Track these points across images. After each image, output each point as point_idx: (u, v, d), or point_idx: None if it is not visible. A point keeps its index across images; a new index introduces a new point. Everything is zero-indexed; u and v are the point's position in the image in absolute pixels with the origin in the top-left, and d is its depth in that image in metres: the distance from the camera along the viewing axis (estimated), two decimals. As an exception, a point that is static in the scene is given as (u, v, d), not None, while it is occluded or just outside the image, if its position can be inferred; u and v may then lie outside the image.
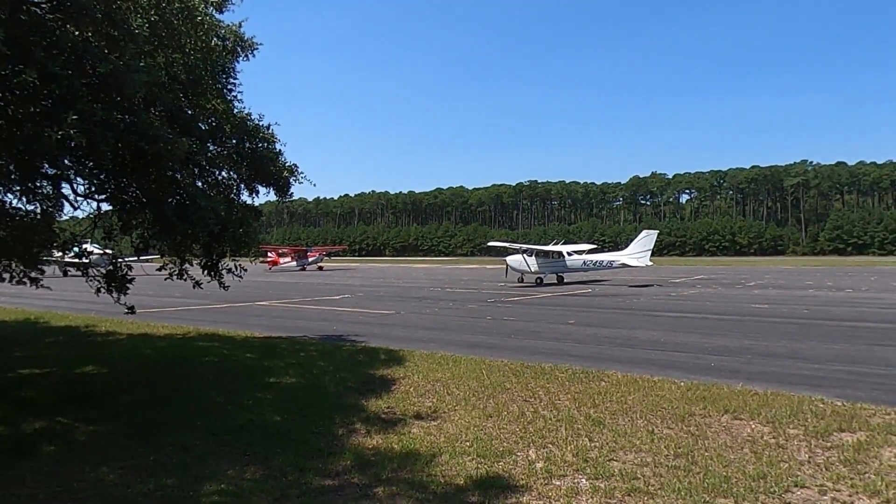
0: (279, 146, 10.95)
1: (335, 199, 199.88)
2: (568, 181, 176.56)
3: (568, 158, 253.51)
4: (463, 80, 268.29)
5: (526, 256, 36.12)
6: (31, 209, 8.28)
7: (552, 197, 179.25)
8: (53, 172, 7.95)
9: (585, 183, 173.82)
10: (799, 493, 5.16)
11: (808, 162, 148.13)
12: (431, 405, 8.05)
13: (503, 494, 5.12)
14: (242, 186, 11.01)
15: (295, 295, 29.99)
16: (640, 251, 35.49)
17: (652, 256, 36.21)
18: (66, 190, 8.75)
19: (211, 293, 12.46)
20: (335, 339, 14.42)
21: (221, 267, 10.78)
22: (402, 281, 43.52)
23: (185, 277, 10.63)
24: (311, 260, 64.73)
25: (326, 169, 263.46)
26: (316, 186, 12.06)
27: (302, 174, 11.24)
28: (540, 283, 35.00)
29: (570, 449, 6.21)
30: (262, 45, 10.73)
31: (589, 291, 30.35)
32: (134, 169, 7.85)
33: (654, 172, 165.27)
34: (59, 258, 11.66)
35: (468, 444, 6.41)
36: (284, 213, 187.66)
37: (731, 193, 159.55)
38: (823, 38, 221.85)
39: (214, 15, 9.97)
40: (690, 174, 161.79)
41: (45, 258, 9.90)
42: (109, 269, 9.72)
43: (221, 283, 10.91)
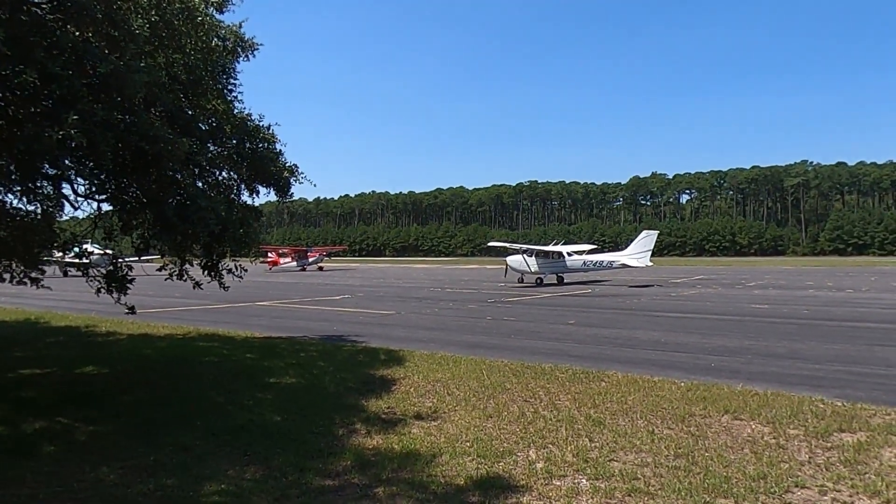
0: (279, 146, 10.96)
1: (335, 199, 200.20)
2: (568, 181, 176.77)
3: (568, 159, 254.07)
4: (463, 80, 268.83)
5: (526, 257, 36.12)
6: (31, 209, 8.29)
7: (552, 197, 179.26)
8: (54, 173, 7.95)
9: (585, 183, 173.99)
10: (799, 493, 5.16)
11: (808, 162, 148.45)
12: (432, 405, 8.05)
13: (503, 494, 5.12)
14: (243, 187, 11.01)
15: (295, 295, 30.00)
16: (640, 251, 35.48)
17: (652, 257, 36.19)
18: (66, 190, 8.75)
19: (211, 293, 12.46)
20: (335, 339, 14.42)
21: (222, 267, 10.78)
22: (402, 281, 43.52)
23: (185, 278, 10.63)
24: (311, 260, 64.70)
25: (326, 169, 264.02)
26: (316, 186, 12.08)
27: (302, 174, 11.26)
28: (540, 283, 35.00)
29: (570, 449, 6.21)
30: (262, 45, 10.74)
31: (589, 292, 30.35)
32: (134, 169, 7.85)
33: (654, 173, 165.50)
34: (59, 258, 11.65)
35: (468, 444, 6.41)
36: (285, 213, 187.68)
37: (731, 194, 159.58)
38: (823, 38, 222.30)
39: (215, 15, 9.97)
40: (690, 174, 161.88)
41: (45, 258, 9.90)
42: (110, 269, 9.72)
43: (222, 283, 10.91)
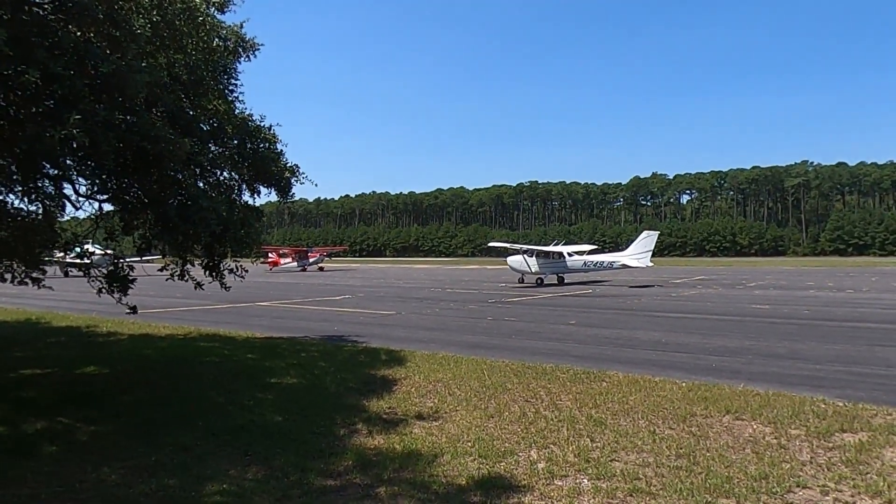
0: (280, 147, 10.96)
1: (336, 199, 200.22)
2: (568, 182, 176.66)
3: (568, 159, 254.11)
4: (463, 80, 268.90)
5: (526, 257, 36.13)
6: (32, 209, 8.30)
7: (553, 197, 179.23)
8: (55, 173, 7.96)
9: (586, 183, 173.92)
10: (801, 493, 5.16)
11: (808, 162, 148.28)
12: (433, 405, 8.05)
13: (505, 494, 5.12)
14: (244, 187, 11.01)
15: (296, 295, 30.00)
16: (640, 252, 35.47)
17: (652, 257, 36.17)
18: (67, 190, 8.75)
19: (212, 294, 12.47)
20: (336, 339, 14.42)
21: (223, 267, 10.78)
22: (402, 281, 43.51)
23: (186, 278, 10.63)
24: (311, 261, 64.70)
25: (327, 169, 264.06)
26: (317, 186, 12.07)
27: (303, 174, 11.25)
28: (540, 283, 34.99)
29: (571, 449, 6.21)
30: (263, 45, 10.74)
31: (589, 292, 30.34)
32: (136, 169, 7.86)
33: (654, 173, 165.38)
34: (60, 258, 11.66)
35: (470, 444, 6.41)
36: (285, 213, 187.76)
37: (731, 194, 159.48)
38: (823, 38, 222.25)
39: (216, 15, 9.98)
40: (691, 175, 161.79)
41: (46, 259, 9.91)
42: (111, 269, 9.73)
43: (223, 283, 10.92)
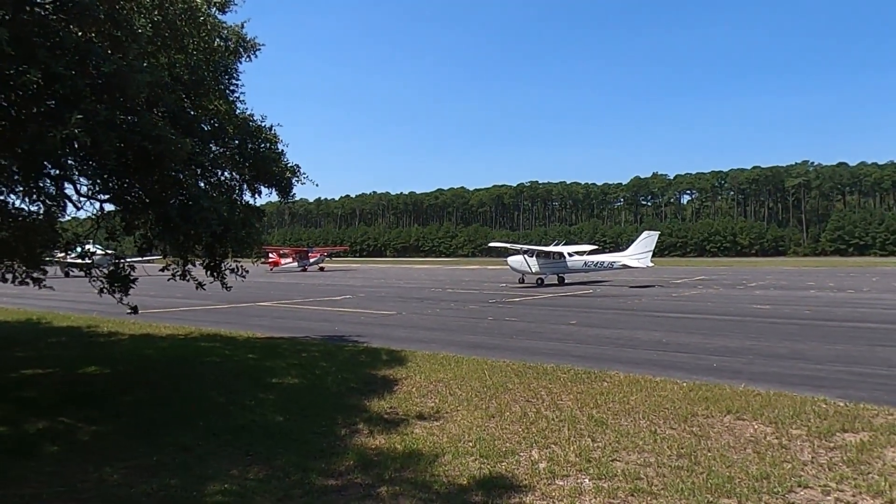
0: (281, 147, 10.97)
1: (336, 199, 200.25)
2: (569, 182, 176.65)
3: (569, 159, 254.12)
4: (463, 80, 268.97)
5: (527, 257, 36.13)
6: (33, 210, 8.30)
7: (553, 198, 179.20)
8: (57, 173, 7.96)
9: (586, 184, 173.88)
10: (802, 493, 5.15)
11: (809, 162, 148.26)
12: (434, 405, 8.05)
13: (506, 494, 5.12)
14: (245, 187, 11.02)
15: (296, 295, 30.00)
16: (640, 252, 35.45)
17: (653, 257, 36.14)
18: (68, 190, 8.75)
19: (213, 294, 12.47)
20: (337, 339, 14.42)
21: (224, 267, 10.79)
22: (403, 281, 43.51)
23: (187, 278, 10.64)
24: (312, 261, 64.70)
25: (327, 169, 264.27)
26: (318, 187, 12.08)
27: (304, 175, 11.26)
28: (541, 283, 34.98)
29: (573, 449, 6.21)
30: (264, 45, 10.76)
31: (590, 292, 30.34)
32: (137, 169, 7.86)
33: (655, 173, 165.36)
34: (61, 258, 11.67)
35: (471, 444, 6.41)
36: (286, 213, 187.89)
37: (732, 194, 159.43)
38: (823, 38, 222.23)
39: (217, 15, 10.00)
40: (691, 175, 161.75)
41: (47, 259, 9.92)
42: (112, 269, 9.73)
43: (224, 283, 10.93)
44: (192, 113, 9.46)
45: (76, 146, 6.61)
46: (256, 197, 11.26)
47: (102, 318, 18.16)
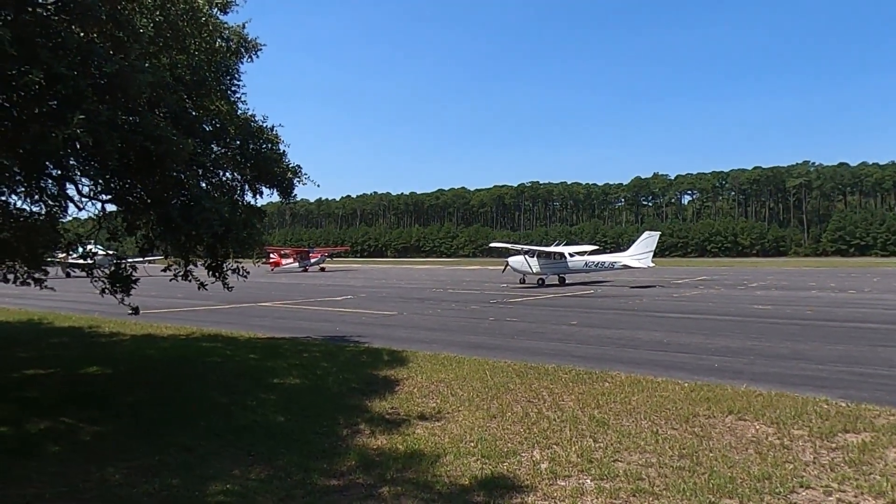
0: (283, 147, 10.97)
1: (337, 200, 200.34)
2: (570, 182, 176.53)
3: (569, 159, 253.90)
4: (463, 80, 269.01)
5: (528, 257, 36.11)
6: (35, 210, 8.31)
7: (554, 198, 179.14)
8: (58, 173, 7.97)
9: (587, 184, 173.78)
10: (804, 493, 5.15)
11: (810, 163, 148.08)
12: (435, 406, 8.05)
13: (508, 495, 5.12)
14: (246, 187, 11.02)
15: (297, 296, 30.02)
16: (641, 252, 35.44)
17: (654, 257, 36.11)
18: (70, 191, 8.77)
19: (214, 294, 12.47)
20: (338, 339, 14.43)
21: (226, 268, 10.80)
22: (404, 282, 43.53)
23: (189, 279, 10.65)
24: (313, 261, 64.75)
25: (328, 170, 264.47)
26: (319, 187, 12.08)
27: (306, 175, 11.25)
28: (542, 283, 34.98)
29: (574, 449, 6.21)
30: (265, 46, 10.76)
31: (591, 292, 30.33)
32: (139, 169, 7.87)
33: (655, 173, 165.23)
34: (63, 259, 11.69)
35: (472, 444, 6.41)
36: (287, 213, 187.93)
37: (733, 194, 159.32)
38: (824, 38, 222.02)
39: (218, 16, 9.99)
40: (692, 175, 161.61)
41: (48, 259, 9.93)
42: (113, 269, 9.74)
43: (226, 283, 10.94)
44: (193, 113, 9.47)
45: (78, 146, 6.62)
46: (258, 197, 11.27)
47: (104, 318, 18.18)
